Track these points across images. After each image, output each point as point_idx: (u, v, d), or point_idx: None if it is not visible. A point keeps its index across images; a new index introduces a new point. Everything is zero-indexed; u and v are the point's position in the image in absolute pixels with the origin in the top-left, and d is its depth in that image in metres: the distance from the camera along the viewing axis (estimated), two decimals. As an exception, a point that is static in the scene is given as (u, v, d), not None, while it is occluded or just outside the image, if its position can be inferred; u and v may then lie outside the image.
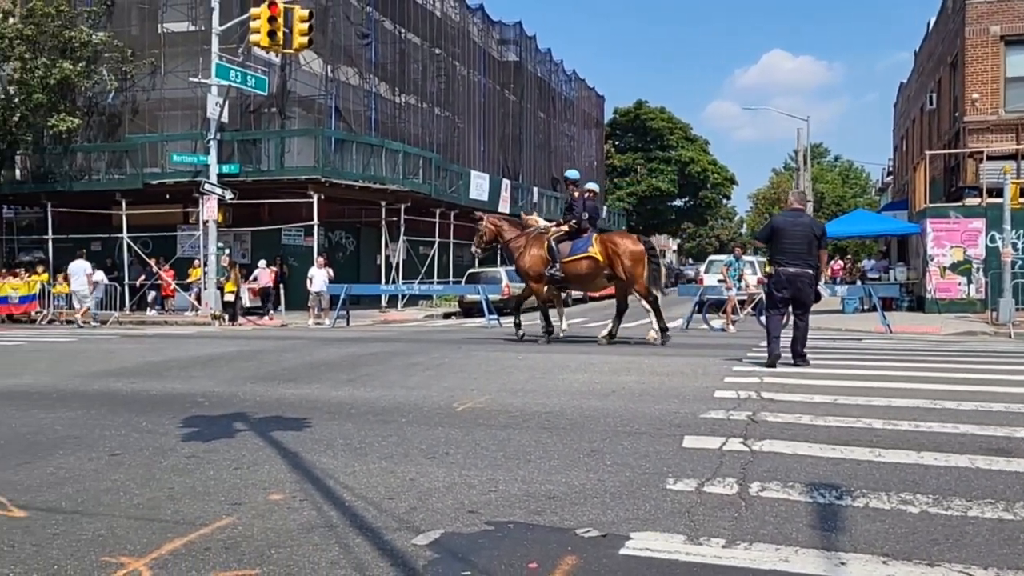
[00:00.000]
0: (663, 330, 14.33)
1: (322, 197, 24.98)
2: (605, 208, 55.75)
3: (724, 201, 76.22)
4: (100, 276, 24.54)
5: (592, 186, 15.97)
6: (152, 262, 26.04)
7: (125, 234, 26.28)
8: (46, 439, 6.32)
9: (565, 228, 14.92)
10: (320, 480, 4.97)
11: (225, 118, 24.25)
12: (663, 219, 68.42)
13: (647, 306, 14.43)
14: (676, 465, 5.20)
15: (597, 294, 35.89)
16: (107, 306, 24.56)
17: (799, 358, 10.14)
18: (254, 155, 25.88)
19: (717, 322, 19.60)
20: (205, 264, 23.84)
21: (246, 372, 10.26)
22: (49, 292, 24.48)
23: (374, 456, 5.57)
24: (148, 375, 10.13)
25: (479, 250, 16.09)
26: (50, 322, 23.87)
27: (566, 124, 50.06)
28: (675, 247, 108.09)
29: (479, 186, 34.71)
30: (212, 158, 23.91)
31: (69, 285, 23.46)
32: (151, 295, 26.19)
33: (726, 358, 11.18)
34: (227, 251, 24.45)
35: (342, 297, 22.22)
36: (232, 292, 22.85)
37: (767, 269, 10.29)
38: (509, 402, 7.63)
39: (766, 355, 10.21)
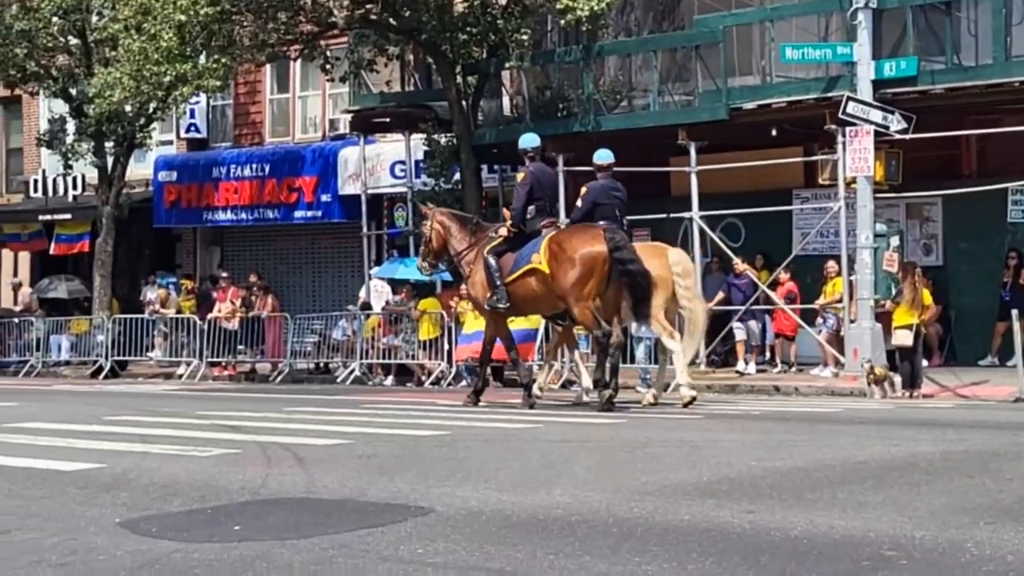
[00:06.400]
0: (602, 383, 18.48)
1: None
2: None
3: None
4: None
5: (602, 159, 18.93)
6: (738, 261, 27.36)
7: (695, 211, 27.30)
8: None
9: (503, 233, 18.61)
10: None
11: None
12: None
13: (612, 337, 18.61)
14: None
15: None
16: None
17: None
18: (946, 36, 25.40)
19: None
20: (851, 269, 24.49)
21: (967, 499, 10.32)
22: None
23: None
24: (774, 494, 10.65)
25: (426, 264, 21.00)
26: (564, 384, 25.56)
27: None
28: None
29: None
30: (862, 48, 24.16)
31: None
32: (739, 332, 27.33)
33: None
34: (893, 242, 24.75)
35: None
36: (907, 327, 22.97)
37: None
38: None
39: None
